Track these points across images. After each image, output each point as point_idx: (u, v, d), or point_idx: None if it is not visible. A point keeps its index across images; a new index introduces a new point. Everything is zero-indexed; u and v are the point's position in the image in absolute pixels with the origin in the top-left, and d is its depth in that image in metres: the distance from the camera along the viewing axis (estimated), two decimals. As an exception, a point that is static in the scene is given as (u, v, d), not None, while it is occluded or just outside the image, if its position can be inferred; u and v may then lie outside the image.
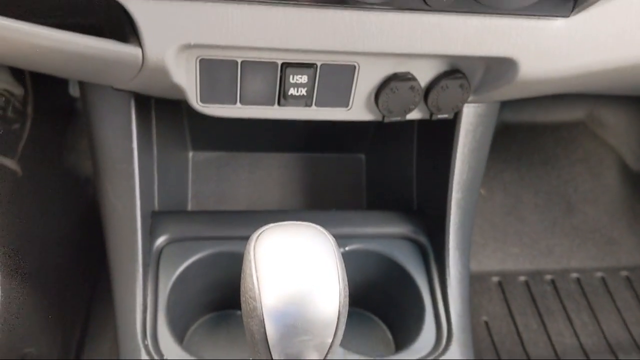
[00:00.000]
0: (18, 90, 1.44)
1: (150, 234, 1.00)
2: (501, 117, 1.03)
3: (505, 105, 0.99)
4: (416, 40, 0.74)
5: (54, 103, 1.56)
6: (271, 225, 0.56)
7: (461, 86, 0.85)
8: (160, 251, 0.99)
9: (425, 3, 0.69)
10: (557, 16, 0.73)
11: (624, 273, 1.68)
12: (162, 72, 0.74)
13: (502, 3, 0.70)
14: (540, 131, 1.86)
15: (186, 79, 0.79)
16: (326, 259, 0.53)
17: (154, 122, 1.05)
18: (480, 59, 0.80)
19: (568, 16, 0.73)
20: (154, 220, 1.02)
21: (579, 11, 0.73)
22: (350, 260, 0.98)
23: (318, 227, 0.56)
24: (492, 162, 1.72)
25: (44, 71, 0.84)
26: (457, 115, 0.96)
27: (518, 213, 1.76)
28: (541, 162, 1.83)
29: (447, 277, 1.01)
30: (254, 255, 0.52)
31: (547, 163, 1.82)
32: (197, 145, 1.32)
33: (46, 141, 1.50)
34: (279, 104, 0.84)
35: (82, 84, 0.98)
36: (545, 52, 0.77)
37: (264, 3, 0.69)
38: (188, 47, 0.72)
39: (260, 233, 0.54)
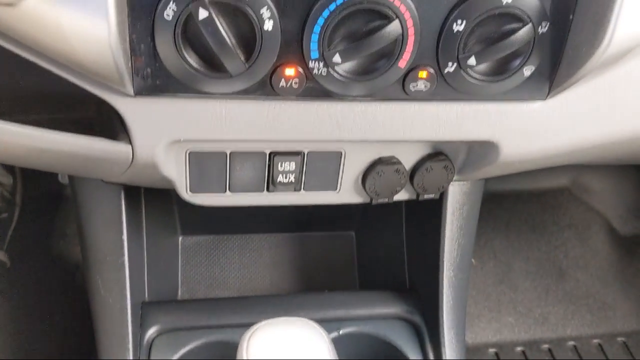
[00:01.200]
0: (6, 180, 1.45)
1: (140, 326, 0.98)
2: (487, 185, 1.05)
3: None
4: (398, 128, 0.76)
5: (43, 190, 1.57)
6: (263, 323, 0.55)
7: (445, 167, 0.87)
8: (151, 343, 0.97)
9: (405, 93, 0.72)
10: (534, 99, 0.76)
11: (621, 339, 1.67)
12: (152, 167, 0.76)
13: (479, 91, 0.72)
14: (526, 198, 1.88)
15: (176, 172, 0.80)
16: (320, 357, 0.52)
17: (143, 210, 1.06)
18: (462, 142, 0.82)
19: (545, 99, 0.76)
20: (144, 311, 1.00)
21: (555, 94, 0.75)
22: (344, 344, 0.97)
23: (310, 322, 0.56)
24: (481, 231, 1.72)
25: (33, 167, 0.85)
26: (443, 195, 0.97)
27: (510, 281, 1.75)
28: (529, 229, 1.84)
29: (443, 357, 1.00)
30: (247, 357, 0.52)
31: (535, 230, 1.83)
32: (187, 230, 1.32)
33: (35, 229, 1.50)
34: (267, 190, 0.85)
35: (71, 177, 0.99)
36: (525, 134, 0.79)
37: (251, 98, 0.71)
38: (178, 142, 0.74)
39: (252, 332, 0.54)
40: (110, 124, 0.75)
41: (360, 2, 0.64)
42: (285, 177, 0.83)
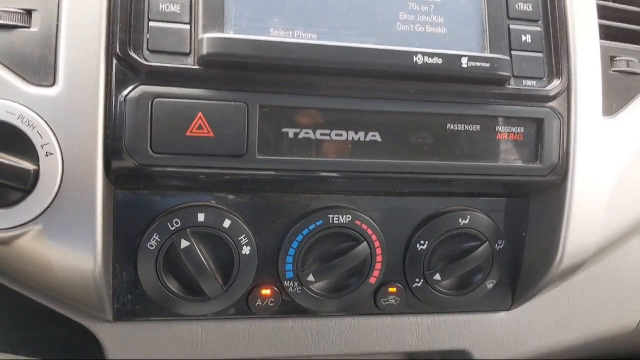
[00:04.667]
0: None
1: None
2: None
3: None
4: (373, 342, 0.78)
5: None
6: None
7: (421, 377, 0.87)
8: None
9: (377, 307, 0.75)
10: (499, 310, 0.80)
11: None
12: None
13: (446, 303, 0.76)
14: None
15: None
16: None
17: None
18: (435, 351, 0.83)
19: (509, 309, 0.80)
20: None
21: (519, 304, 0.80)
22: None
23: None
24: None
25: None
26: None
27: None
28: None
29: None
30: None
31: None
32: None
33: None
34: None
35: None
36: (494, 341, 0.81)
37: (228, 318, 0.73)
38: None
39: None
40: (85, 347, 0.75)
41: (330, 227, 0.70)
42: None
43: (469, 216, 0.73)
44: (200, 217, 0.66)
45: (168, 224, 0.65)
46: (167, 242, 0.65)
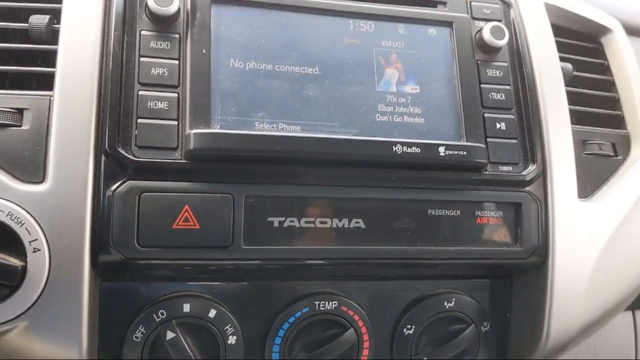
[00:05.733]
0: None
1: None
2: None
3: None
4: None
5: None
6: None
7: None
8: None
9: None
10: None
11: None
12: None
13: None
14: None
15: None
16: None
17: None
18: None
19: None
20: None
21: (508, 385, 0.79)
22: None
23: None
24: None
25: None
26: None
27: None
28: None
29: None
30: None
31: None
32: None
33: None
34: None
35: None
36: None
37: None
38: None
39: None
40: None
41: (316, 314, 0.70)
42: None
43: (454, 299, 0.74)
44: (186, 307, 0.66)
45: (154, 315, 0.65)
46: (153, 333, 0.65)
